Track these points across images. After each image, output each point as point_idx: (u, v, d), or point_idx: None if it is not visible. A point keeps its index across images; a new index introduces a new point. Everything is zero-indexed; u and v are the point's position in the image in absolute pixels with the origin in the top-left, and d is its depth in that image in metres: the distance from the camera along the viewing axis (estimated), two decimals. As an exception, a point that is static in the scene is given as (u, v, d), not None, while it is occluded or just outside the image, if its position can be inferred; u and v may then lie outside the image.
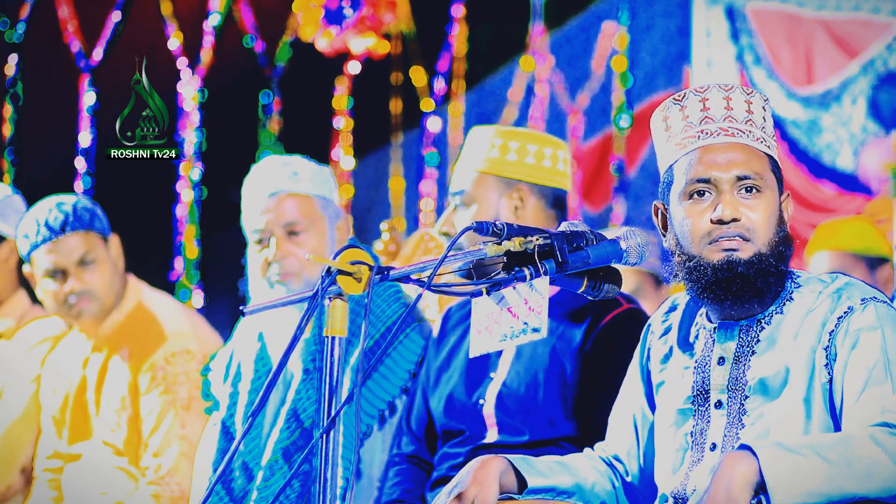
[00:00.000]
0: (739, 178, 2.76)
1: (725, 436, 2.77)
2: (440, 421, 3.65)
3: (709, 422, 2.80)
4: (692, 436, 2.82)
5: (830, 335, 2.73)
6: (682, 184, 2.79)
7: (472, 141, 3.75)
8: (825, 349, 2.73)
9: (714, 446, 2.78)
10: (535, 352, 3.54)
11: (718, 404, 2.79)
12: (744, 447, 2.53)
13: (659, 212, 2.89)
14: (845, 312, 2.73)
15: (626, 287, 5.21)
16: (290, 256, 3.90)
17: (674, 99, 2.85)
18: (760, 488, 2.48)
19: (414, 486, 3.69)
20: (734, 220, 2.75)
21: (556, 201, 3.72)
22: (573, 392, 3.48)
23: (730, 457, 2.52)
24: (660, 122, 2.86)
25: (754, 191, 2.77)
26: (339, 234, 4.00)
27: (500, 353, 3.58)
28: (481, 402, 3.57)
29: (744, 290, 2.75)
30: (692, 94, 2.83)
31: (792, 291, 2.81)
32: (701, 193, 2.78)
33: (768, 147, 2.82)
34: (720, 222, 2.75)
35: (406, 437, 3.75)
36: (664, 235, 2.87)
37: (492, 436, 3.55)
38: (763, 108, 2.83)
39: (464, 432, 3.59)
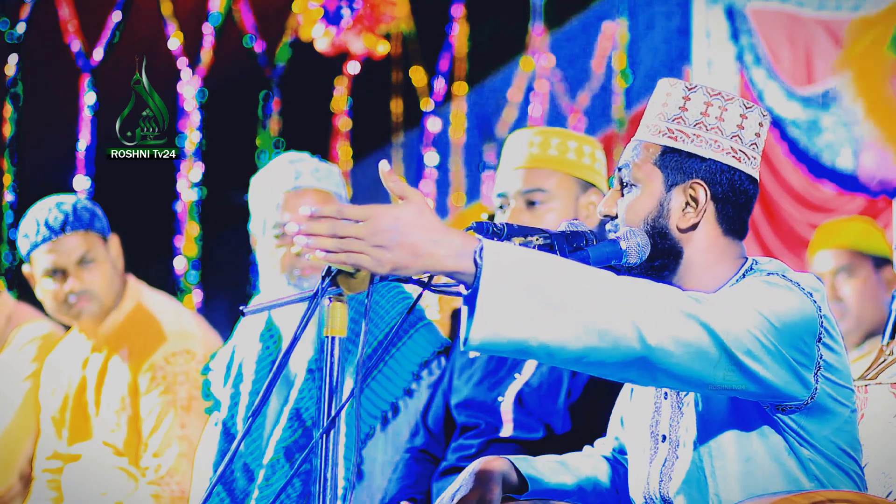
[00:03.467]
0: (619, 169, 2.75)
1: (671, 425, 2.74)
2: (458, 416, 3.69)
3: (660, 413, 2.79)
4: (650, 427, 2.80)
5: None
6: None
7: (539, 141, 3.76)
8: None
9: (664, 437, 2.75)
10: None
11: (666, 394, 2.78)
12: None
13: None
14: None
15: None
16: None
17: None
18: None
19: (414, 480, 3.71)
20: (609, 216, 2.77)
21: None
22: (587, 396, 3.50)
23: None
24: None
25: (627, 186, 2.74)
26: None
27: None
28: (500, 399, 3.60)
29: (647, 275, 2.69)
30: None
31: (738, 281, 2.74)
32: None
33: (674, 139, 2.69)
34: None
35: (420, 430, 3.79)
36: None
37: (507, 430, 3.58)
38: (705, 102, 2.69)
39: (479, 425, 3.62)
